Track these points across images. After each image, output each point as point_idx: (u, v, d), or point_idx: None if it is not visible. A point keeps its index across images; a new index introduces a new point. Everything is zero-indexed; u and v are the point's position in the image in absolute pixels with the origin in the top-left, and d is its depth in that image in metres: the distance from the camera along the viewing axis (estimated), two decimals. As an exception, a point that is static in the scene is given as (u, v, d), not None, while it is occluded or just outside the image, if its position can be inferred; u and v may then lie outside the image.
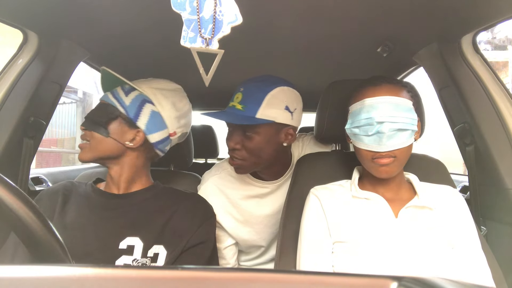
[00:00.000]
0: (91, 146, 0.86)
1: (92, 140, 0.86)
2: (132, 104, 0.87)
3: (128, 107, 0.87)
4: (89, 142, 0.87)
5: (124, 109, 0.87)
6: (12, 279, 0.24)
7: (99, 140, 0.86)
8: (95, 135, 0.86)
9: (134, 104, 0.88)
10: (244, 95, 0.96)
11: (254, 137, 0.95)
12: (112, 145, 0.86)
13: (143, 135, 0.88)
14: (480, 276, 0.74)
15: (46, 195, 0.89)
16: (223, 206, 1.08)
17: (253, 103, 0.94)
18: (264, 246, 1.16)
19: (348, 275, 0.26)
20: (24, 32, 1.02)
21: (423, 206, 0.79)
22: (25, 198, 0.37)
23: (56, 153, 6.30)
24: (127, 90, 0.90)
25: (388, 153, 0.75)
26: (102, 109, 0.88)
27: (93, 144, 0.86)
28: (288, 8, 0.92)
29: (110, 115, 0.87)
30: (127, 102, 0.88)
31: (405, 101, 0.76)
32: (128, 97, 0.88)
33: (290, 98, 0.98)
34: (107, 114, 0.87)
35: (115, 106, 0.87)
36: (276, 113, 0.95)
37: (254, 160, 0.98)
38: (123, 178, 0.90)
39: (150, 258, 0.80)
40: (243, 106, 0.95)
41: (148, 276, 0.25)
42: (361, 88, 0.81)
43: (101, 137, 0.86)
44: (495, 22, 0.91)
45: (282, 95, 0.96)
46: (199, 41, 0.54)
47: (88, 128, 0.87)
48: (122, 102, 0.87)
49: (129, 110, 0.87)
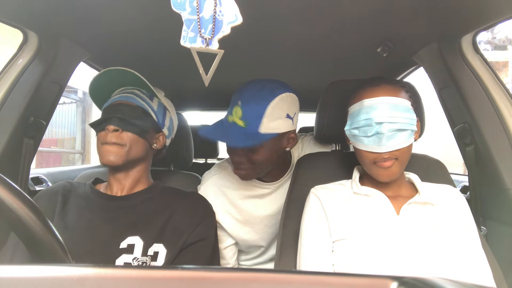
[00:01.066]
0: (128, 148, 0.84)
1: (129, 141, 0.85)
2: (159, 110, 0.93)
3: (157, 113, 0.92)
4: (124, 145, 0.84)
5: (154, 114, 0.91)
6: (12, 279, 0.24)
7: (136, 142, 0.86)
8: (133, 137, 0.85)
9: (160, 110, 0.94)
10: (244, 110, 0.91)
11: (259, 150, 0.92)
12: (144, 146, 0.89)
13: (164, 138, 0.96)
14: (480, 275, 0.74)
15: (45, 195, 0.88)
16: (223, 206, 1.08)
17: (255, 118, 0.90)
18: (264, 246, 1.16)
19: (348, 275, 0.26)
20: (24, 32, 1.02)
21: (425, 202, 0.79)
22: (25, 198, 0.37)
23: (56, 153, 6.30)
24: (149, 96, 0.93)
25: (390, 155, 0.75)
26: (136, 112, 0.87)
27: (130, 145, 0.85)
28: (288, 8, 0.92)
29: (149, 120, 0.89)
30: (155, 107, 0.93)
31: (403, 101, 0.76)
32: (153, 103, 0.93)
33: (289, 104, 0.95)
34: (143, 117, 0.88)
35: (147, 110, 0.90)
36: (278, 124, 0.92)
37: (259, 169, 0.98)
38: (131, 179, 0.91)
39: (150, 256, 0.80)
40: (245, 123, 0.91)
41: (148, 276, 0.25)
42: (360, 89, 0.81)
43: (138, 138, 0.86)
44: (495, 22, 0.91)
45: (282, 104, 0.93)
46: (199, 41, 0.54)
47: (124, 128, 0.84)
48: (152, 107, 0.91)
49: (158, 115, 0.93)
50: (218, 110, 2.43)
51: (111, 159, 0.82)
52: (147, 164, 0.95)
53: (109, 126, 0.84)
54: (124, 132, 0.84)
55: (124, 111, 0.86)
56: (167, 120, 0.97)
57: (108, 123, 0.84)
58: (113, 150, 0.83)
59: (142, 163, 0.92)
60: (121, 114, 0.85)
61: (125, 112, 0.86)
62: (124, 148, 0.84)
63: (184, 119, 1.26)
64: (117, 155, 0.83)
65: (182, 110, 2.25)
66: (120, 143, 0.84)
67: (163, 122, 0.94)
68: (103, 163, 0.84)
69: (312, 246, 0.81)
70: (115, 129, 0.84)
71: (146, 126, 0.88)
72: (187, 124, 1.26)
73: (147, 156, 0.93)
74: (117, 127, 0.84)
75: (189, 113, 2.41)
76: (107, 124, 0.84)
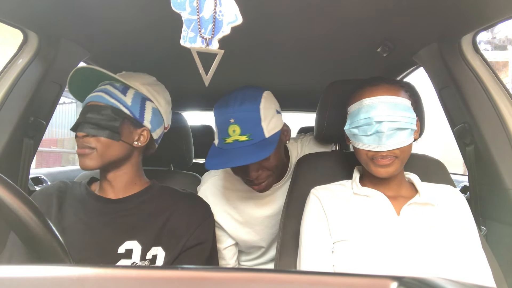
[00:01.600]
0: (100, 153, 0.80)
1: (100, 146, 0.80)
2: (134, 104, 0.85)
3: (131, 107, 0.85)
4: (95, 149, 0.80)
5: (127, 109, 0.84)
6: (12, 279, 0.24)
7: (108, 145, 0.81)
8: (103, 140, 0.80)
9: (136, 103, 0.86)
10: (241, 125, 0.90)
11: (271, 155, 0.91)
12: (122, 148, 0.83)
13: (148, 133, 0.88)
14: (480, 276, 0.74)
15: (40, 197, 0.85)
16: (223, 207, 1.08)
17: (255, 127, 0.90)
18: (264, 246, 1.16)
19: (348, 275, 0.26)
20: (24, 32, 1.02)
21: (425, 203, 0.79)
22: (25, 198, 0.37)
23: (56, 153, 6.30)
24: (121, 89, 0.86)
25: (389, 153, 0.75)
26: (104, 112, 0.82)
27: (101, 150, 0.80)
28: (288, 8, 0.92)
29: (117, 117, 0.82)
30: (129, 102, 0.85)
31: (403, 100, 0.76)
32: (127, 97, 0.85)
33: (272, 100, 0.97)
34: (113, 117, 0.82)
35: (117, 107, 0.83)
36: (275, 122, 0.94)
37: (275, 170, 0.98)
38: (123, 181, 0.87)
39: (149, 260, 0.79)
40: (248, 135, 0.90)
41: (148, 276, 0.25)
42: (360, 89, 0.81)
43: (111, 141, 0.81)
44: (495, 22, 0.91)
45: (268, 103, 0.94)
46: (199, 41, 0.54)
47: (93, 134, 0.80)
48: (124, 102, 0.84)
49: (133, 110, 0.85)
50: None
51: (86, 164, 0.80)
52: (135, 163, 0.89)
53: (78, 133, 0.81)
54: (93, 137, 0.80)
55: (93, 114, 0.81)
56: (148, 112, 0.88)
57: (78, 129, 0.81)
58: (85, 154, 0.81)
59: (127, 163, 0.87)
60: (89, 118, 0.81)
61: (93, 115, 0.81)
62: (95, 153, 0.80)
63: (184, 119, 1.26)
64: (91, 159, 0.80)
65: (182, 110, 2.25)
66: (91, 146, 0.80)
67: (141, 115, 0.86)
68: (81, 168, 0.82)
69: (312, 246, 0.81)
70: (84, 135, 0.81)
71: (115, 127, 0.81)
72: (187, 124, 1.26)
73: (130, 155, 0.87)
74: (85, 133, 0.80)
75: (189, 113, 2.41)
76: (78, 131, 0.81)
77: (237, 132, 0.90)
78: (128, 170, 0.88)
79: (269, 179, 0.97)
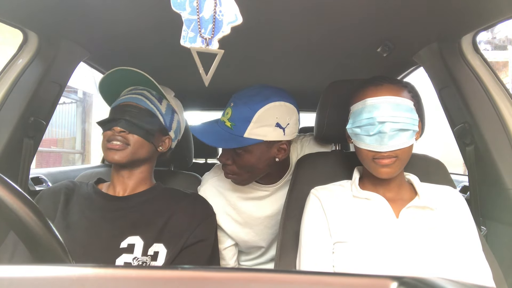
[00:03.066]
0: (132, 149, 0.86)
1: (134, 143, 0.86)
2: (167, 113, 0.94)
3: (165, 116, 0.93)
4: (129, 145, 0.86)
5: (162, 117, 0.92)
6: (12, 279, 0.24)
7: (141, 145, 0.87)
8: (138, 139, 0.86)
9: (168, 113, 0.94)
10: (233, 112, 0.92)
11: (244, 154, 0.93)
12: (150, 149, 0.90)
13: (170, 141, 0.97)
14: (480, 276, 0.74)
15: (47, 194, 0.89)
16: (223, 207, 1.08)
17: (241, 121, 0.90)
18: (264, 246, 1.16)
19: (348, 275, 0.26)
20: (24, 32, 1.02)
21: (424, 206, 0.79)
22: (25, 198, 0.37)
23: (56, 153, 6.30)
24: (158, 98, 0.93)
25: (390, 153, 0.75)
26: (143, 114, 0.88)
27: (135, 147, 0.86)
28: (288, 8, 0.92)
29: (156, 123, 0.89)
30: (163, 110, 0.93)
31: (406, 101, 0.76)
32: (162, 105, 0.93)
33: (282, 113, 0.93)
34: (151, 121, 0.88)
35: (155, 113, 0.90)
36: (266, 131, 0.91)
37: (247, 175, 0.97)
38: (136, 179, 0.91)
39: (150, 256, 0.80)
40: (231, 124, 0.92)
41: (148, 276, 0.25)
42: (363, 88, 0.81)
43: (144, 141, 0.87)
44: (495, 22, 0.91)
45: (273, 112, 0.91)
46: (199, 41, 0.54)
47: (131, 131, 0.85)
48: (160, 109, 0.92)
49: (165, 118, 0.93)
50: (218, 110, 2.43)
51: (115, 158, 0.84)
52: (151, 165, 0.96)
53: (115, 128, 0.85)
54: (130, 134, 0.86)
55: (132, 113, 0.87)
56: (175, 123, 0.97)
57: (115, 124, 0.85)
58: (117, 148, 0.85)
59: (146, 164, 0.93)
60: (128, 116, 0.86)
61: (133, 115, 0.86)
62: (129, 148, 0.85)
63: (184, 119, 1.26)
64: (122, 154, 0.85)
65: (182, 110, 2.25)
66: (125, 143, 0.85)
67: (170, 125, 0.95)
68: (108, 161, 0.86)
69: (312, 246, 0.81)
70: (122, 131, 0.85)
71: (152, 130, 0.88)
72: (187, 124, 1.26)
73: (151, 158, 0.94)
74: (123, 129, 0.85)
75: (189, 113, 2.41)
76: (114, 125, 0.85)
77: (228, 115, 0.94)
78: (145, 170, 0.93)
79: (236, 176, 0.98)
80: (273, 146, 0.95)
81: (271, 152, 0.96)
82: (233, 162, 0.95)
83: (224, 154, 0.97)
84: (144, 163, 0.92)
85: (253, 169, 0.95)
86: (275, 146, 0.95)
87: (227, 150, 0.96)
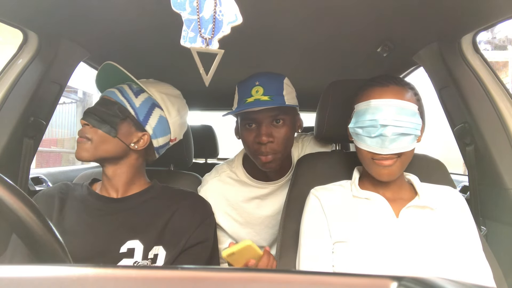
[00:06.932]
0: (94, 145, 0.81)
1: (96, 137, 0.81)
2: (142, 107, 0.86)
3: (138, 109, 0.86)
4: (91, 140, 0.81)
5: (134, 110, 0.85)
6: (12, 279, 0.24)
7: (103, 139, 0.82)
8: (100, 133, 0.81)
9: (144, 107, 0.87)
10: (265, 87, 0.96)
11: (283, 126, 0.98)
12: (117, 145, 0.83)
13: (148, 139, 0.88)
14: (481, 276, 0.74)
15: (42, 198, 0.86)
16: (223, 208, 1.08)
17: (277, 93, 0.96)
18: (265, 246, 1.16)
19: (348, 275, 0.26)
20: (24, 32, 1.02)
21: (424, 206, 0.79)
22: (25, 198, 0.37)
23: (56, 153, 6.30)
24: (136, 91, 0.87)
25: (391, 155, 0.75)
26: (110, 107, 0.83)
27: (96, 142, 0.81)
28: (288, 8, 0.92)
29: (120, 115, 0.83)
30: (137, 103, 0.86)
31: (410, 105, 0.75)
32: (138, 99, 0.87)
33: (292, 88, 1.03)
34: (117, 114, 0.83)
35: (125, 106, 0.84)
36: (294, 100, 1.02)
37: (283, 151, 1.00)
38: (122, 180, 0.87)
39: (150, 259, 0.79)
40: (270, 96, 0.94)
41: (148, 276, 0.25)
42: (368, 87, 0.80)
43: (107, 136, 0.82)
44: (495, 22, 0.91)
45: (288, 85, 1.01)
46: (199, 41, 0.54)
47: (93, 124, 0.81)
48: (132, 103, 0.85)
49: (139, 112, 0.86)
50: (218, 110, 2.43)
51: (79, 153, 0.82)
52: (132, 165, 0.88)
53: (81, 120, 0.83)
54: (94, 128, 0.82)
55: (100, 106, 0.84)
56: (153, 118, 0.88)
57: (83, 117, 0.83)
58: (81, 143, 0.82)
59: (122, 163, 0.87)
60: (94, 110, 0.83)
61: (99, 108, 0.83)
62: (89, 143, 0.81)
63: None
64: (83, 150, 0.81)
65: (182, 110, 2.25)
66: (87, 137, 0.82)
67: (145, 120, 0.86)
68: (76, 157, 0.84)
69: (312, 246, 0.81)
70: (85, 124, 0.82)
71: (115, 123, 0.82)
72: (187, 124, 1.26)
73: (127, 155, 0.87)
74: (86, 121, 0.82)
75: (189, 113, 2.41)
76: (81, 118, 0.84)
77: (260, 92, 0.95)
78: (125, 170, 0.88)
79: (275, 155, 0.98)
80: (296, 117, 1.06)
81: (296, 125, 1.06)
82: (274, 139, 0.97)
83: (265, 132, 0.96)
84: (120, 162, 0.86)
85: (288, 142, 1.01)
86: (297, 117, 1.07)
87: (266, 127, 0.96)
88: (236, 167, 1.11)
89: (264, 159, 0.98)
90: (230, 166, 1.13)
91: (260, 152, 0.98)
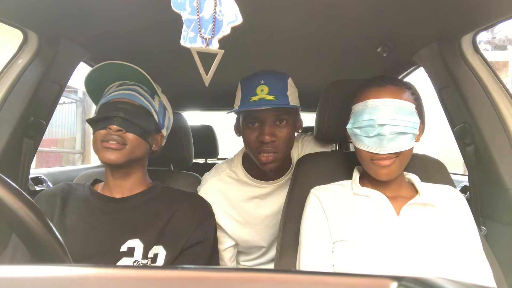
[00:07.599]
0: (130, 149, 0.81)
1: (131, 143, 0.81)
2: (160, 110, 0.91)
3: (158, 113, 0.89)
4: (126, 145, 0.81)
5: (156, 114, 0.88)
6: (12, 279, 0.24)
7: (138, 144, 0.83)
8: (135, 139, 0.82)
9: (161, 109, 0.91)
10: (269, 86, 0.96)
11: (286, 126, 0.99)
12: (145, 148, 0.87)
13: (162, 139, 0.94)
14: (481, 276, 0.74)
15: (44, 197, 0.87)
16: (223, 207, 1.08)
17: (282, 93, 0.97)
18: (265, 246, 1.16)
19: (348, 275, 0.26)
20: (24, 32, 1.02)
21: (425, 203, 0.79)
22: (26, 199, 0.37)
23: (56, 153, 6.30)
24: (150, 94, 0.89)
25: (390, 154, 0.75)
26: (139, 112, 0.83)
27: (132, 146, 0.82)
28: (288, 8, 0.92)
29: (152, 121, 0.86)
30: (156, 106, 0.89)
31: (408, 104, 0.75)
32: (155, 102, 0.89)
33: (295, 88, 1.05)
34: (149, 121, 0.85)
35: (149, 110, 0.86)
36: (297, 100, 1.03)
37: (284, 151, 1.01)
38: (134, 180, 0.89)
39: (150, 259, 0.80)
40: (275, 96, 0.95)
41: (148, 276, 0.25)
42: (365, 88, 0.80)
43: (140, 140, 0.83)
44: (495, 22, 0.91)
45: (292, 85, 1.03)
46: (199, 41, 0.54)
47: (129, 130, 0.81)
48: (154, 107, 0.88)
49: (159, 116, 0.90)
50: (218, 110, 2.43)
51: (111, 158, 0.79)
52: (145, 164, 0.93)
53: (112, 126, 0.79)
54: (128, 133, 0.81)
55: (128, 110, 0.81)
56: (166, 120, 0.94)
57: (111, 122, 0.79)
58: (114, 148, 0.79)
59: (139, 163, 0.90)
60: (124, 113, 0.80)
61: (129, 112, 0.81)
62: (126, 148, 0.81)
63: (184, 119, 1.25)
64: (119, 154, 0.80)
65: (182, 110, 2.25)
66: (122, 142, 0.80)
67: (163, 122, 0.92)
68: (103, 162, 0.82)
69: (312, 246, 0.81)
70: (119, 129, 0.80)
71: (149, 128, 0.85)
72: (187, 124, 1.26)
73: (145, 156, 0.91)
74: (120, 127, 0.80)
75: (189, 113, 2.41)
76: (109, 124, 0.79)
77: (265, 91, 0.96)
78: (139, 170, 0.91)
79: (276, 154, 0.99)
80: (297, 117, 1.06)
81: (297, 124, 1.07)
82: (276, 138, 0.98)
83: (268, 131, 0.97)
84: (138, 162, 0.89)
85: (290, 142, 1.02)
86: (298, 118, 1.07)
87: (269, 126, 0.97)
88: (235, 166, 1.12)
89: (265, 158, 0.98)
90: (230, 165, 1.13)
91: (261, 151, 0.98)
